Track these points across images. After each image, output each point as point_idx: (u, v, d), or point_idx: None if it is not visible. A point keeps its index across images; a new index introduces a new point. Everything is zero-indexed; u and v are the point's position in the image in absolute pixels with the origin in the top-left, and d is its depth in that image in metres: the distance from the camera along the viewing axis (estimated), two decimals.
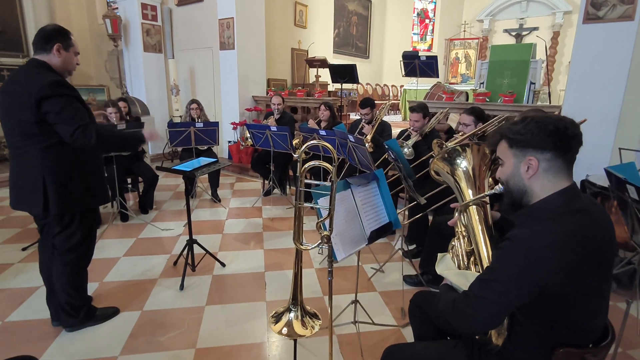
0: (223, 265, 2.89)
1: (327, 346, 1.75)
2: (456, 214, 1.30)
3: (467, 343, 1.20)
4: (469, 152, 1.29)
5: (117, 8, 6.79)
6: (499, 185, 1.14)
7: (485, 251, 1.15)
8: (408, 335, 2.14)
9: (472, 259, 1.18)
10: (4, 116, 1.84)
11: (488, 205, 1.25)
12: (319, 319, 1.54)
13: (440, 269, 1.22)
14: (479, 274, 1.09)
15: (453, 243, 1.26)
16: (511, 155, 1.08)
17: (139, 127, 3.60)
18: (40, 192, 1.81)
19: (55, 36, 1.84)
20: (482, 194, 1.22)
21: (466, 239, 1.22)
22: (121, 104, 4.19)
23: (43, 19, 6.00)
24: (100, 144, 1.84)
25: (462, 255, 1.21)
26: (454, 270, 1.17)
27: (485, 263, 1.15)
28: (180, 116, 6.21)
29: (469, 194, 1.26)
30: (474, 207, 1.21)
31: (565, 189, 1.03)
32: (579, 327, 1.01)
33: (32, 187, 1.82)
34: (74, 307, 2.08)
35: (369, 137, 3.63)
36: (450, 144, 2.67)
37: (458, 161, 1.30)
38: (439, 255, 1.27)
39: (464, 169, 1.29)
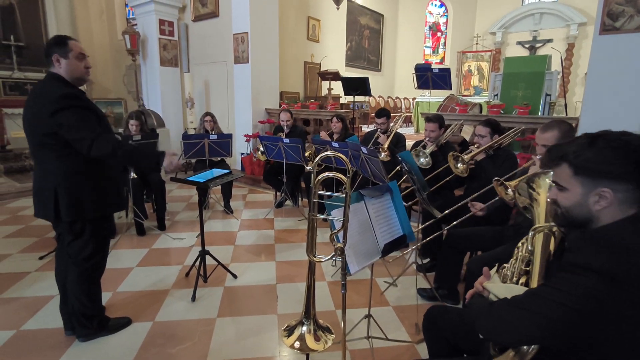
0: (235, 276, 2.88)
1: None
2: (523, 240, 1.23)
3: None
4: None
5: (136, 24, 7.02)
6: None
7: (537, 275, 1.11)
8: (422, 351, 2.07)
9: (523, 279, 1.14)
10: (26, 129, 1.92)
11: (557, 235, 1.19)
12: (332, 334, 1.51)
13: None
14: (526, 288, 1.03)
15: (505, 264, 1.22)
16: (577, 184, 0.95)
17: (154, 138, 3.66)
18: (52, 200, 1.86)
19: (51, 47, 1.87)
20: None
21: (520, 261, 1.17)
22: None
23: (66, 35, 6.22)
24: (115, 157, 1.86)
25: (512, 274, 1.16)
26: (499, 284, 1.13)
27: (535, 284, 1.08)
28: (195, 128, 6.32)
29: (543, 220, 1.22)
30: (542, 233, 1.17)
31: (632, 216, 0.92)
32: None
33: (47, 195, 1.88)
34: (87, 317, 2.09)
35: (385, 145, 3.62)
36: (466, 156, 2.63)
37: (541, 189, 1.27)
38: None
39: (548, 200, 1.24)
